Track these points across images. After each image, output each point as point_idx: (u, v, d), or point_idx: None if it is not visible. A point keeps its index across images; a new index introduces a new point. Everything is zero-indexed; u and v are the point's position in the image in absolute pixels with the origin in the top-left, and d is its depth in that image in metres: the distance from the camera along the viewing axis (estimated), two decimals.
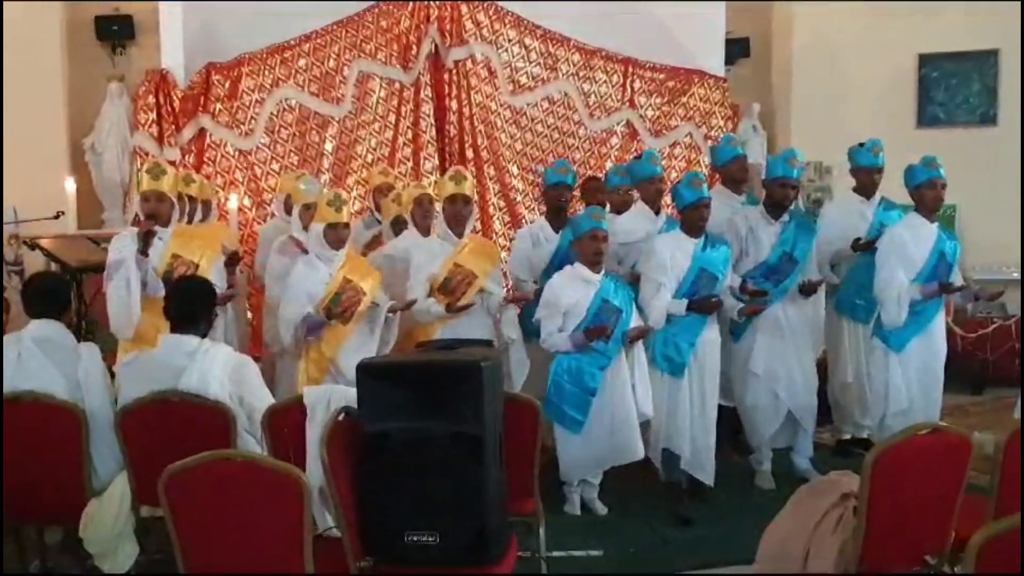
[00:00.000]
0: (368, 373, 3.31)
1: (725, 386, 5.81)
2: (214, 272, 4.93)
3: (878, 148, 6.05)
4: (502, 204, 8.51)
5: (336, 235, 5.13)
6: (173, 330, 3.98)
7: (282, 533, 2.87)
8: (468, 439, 3.24)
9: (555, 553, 4.61)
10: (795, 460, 5.87)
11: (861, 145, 6.11)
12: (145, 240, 4.64)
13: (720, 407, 5.68)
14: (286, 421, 3.72)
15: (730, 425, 6.16)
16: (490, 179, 8.46)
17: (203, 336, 3.98)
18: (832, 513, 3.47)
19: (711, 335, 5.47)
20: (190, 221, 5.75)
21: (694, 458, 5.45)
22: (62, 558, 4.31)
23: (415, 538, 3.26)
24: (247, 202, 7.63)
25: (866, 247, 5.86)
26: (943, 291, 5.50)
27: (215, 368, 3.85)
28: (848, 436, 6.40)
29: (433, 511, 3.26)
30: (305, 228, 5.49)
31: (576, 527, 5.19)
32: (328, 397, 3.64)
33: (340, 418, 3.37)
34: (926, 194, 5.51)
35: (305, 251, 5.32)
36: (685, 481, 5.53)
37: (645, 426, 5.38)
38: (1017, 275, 8.60)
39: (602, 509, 5.40)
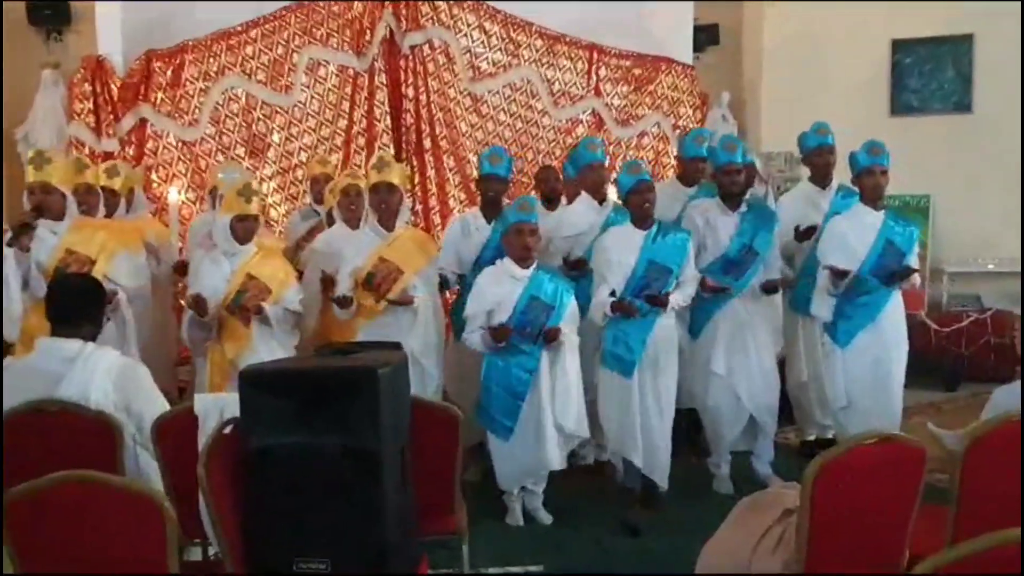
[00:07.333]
0: (250, 381, 2.95)
1: (682, 388, 5.52)
2: (117, 269, 4.60)
3: (824, 129, 5.86)
4: (463, 196, 8.20)
5: (245, 228, 4.84)
6: (53, 333, 3.60)
7: (142, 564, 2.54)
8: (362, 454, 2.89)
9: (491, 570, 4.38)
10: (755, 465, 5.60)
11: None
12: (18, 234, 4.30)
13: (677, 409, 5.38)
14: (176, 432, 3.38)
15: (689, 427, 5.88)
16: (450, 170, 8.22)
17: (91, 340, 3.63)
18: (774, 530, 3.17)
19: (664, 332, 5.15)
20: (109, 215, 5.40)
21: (647, 459, 5.13)
22: None
23: (304, 566, 2.91)
24: (191, 195, 7.32)
25: (806, 235, 5.64)
26: (836, 276, 5.21)
27: (97, 374, 3.46)
28: (812, 437, 6.13)
29: (324, 535, 2.90)
30: None
31: (517, 540, 4.89)
32: (222, 406, 3.30)
33: (227, 431, 3.04)
34: (865, 182, 5.31)
35: None
36: (638, 488, 5.23)
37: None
38: (992, 267, 8.39)
39: (547, 518, 5.10)
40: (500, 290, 4.95)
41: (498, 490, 5.12)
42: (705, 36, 9.23)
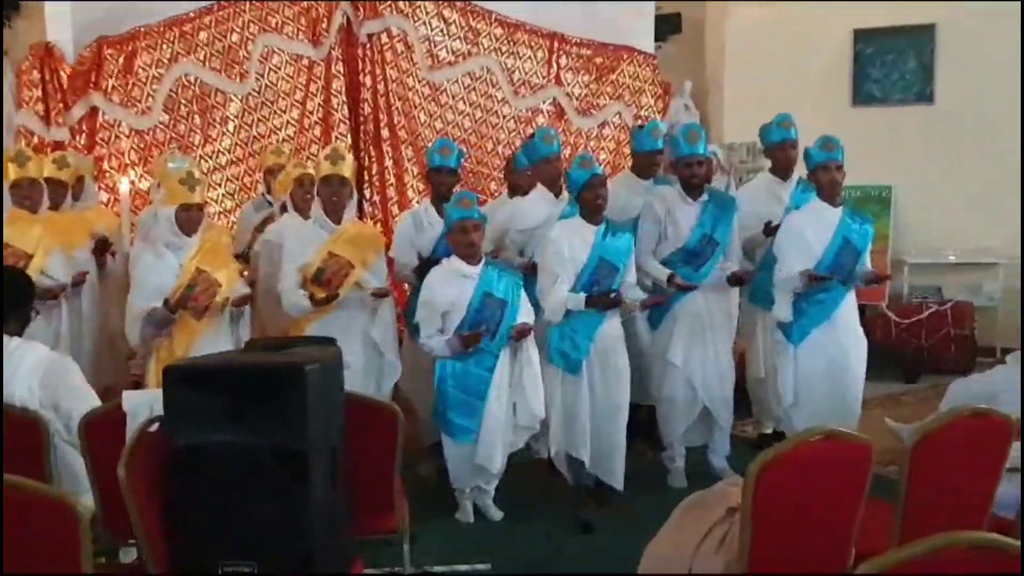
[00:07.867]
0: (174, 378, 2.85)
1: (639, 383, 5.44)
2: (55, 264, 4.45)
3: (788, 122, 5.76)
4: (421, 186, 8.06)
5: (190, 218, 4.68)
6: None
7: (54, 566, 2.43)
8: (290, 454, 2.79)
9: (437, 568, 4.27)
10: (711, 459, 5.54)
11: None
12: None
13: (633, 404, 5.29)
14: (106, 430, 3.27)
15: (646, 421, 5.81)
16: (408, 160, 8.06)
17: (16, 335, 3.50)
18: (717, 529, 3.10)
19: (612, 329, 5.05)
20: (56, 207, 5.26)
21: (599, 460, 5.03)
22: None
23: (230, 568, 2.82)
24: (144, 185, 7.15)
25: (776, 232, 5.51)
26: (812, 281, 5.05)
27: (22, 370, 3.36)
28: (770, 431, 6.08)
29: (251, 537, 2.81)
30: None
31: (468, 536, 4.80)
32: (151, 403, 3.19)
33: (153, 428, 2.94)
34: (821, 178, 5.16)
35: None
36: (592, 483, 5.14)
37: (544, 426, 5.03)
38: (954, 259, 8.38)
39: (497, 514, 5.01)
40: (452, 291, 4.83)
41: (451, 487, 5.02)
42: (667, 25, 9.15)
